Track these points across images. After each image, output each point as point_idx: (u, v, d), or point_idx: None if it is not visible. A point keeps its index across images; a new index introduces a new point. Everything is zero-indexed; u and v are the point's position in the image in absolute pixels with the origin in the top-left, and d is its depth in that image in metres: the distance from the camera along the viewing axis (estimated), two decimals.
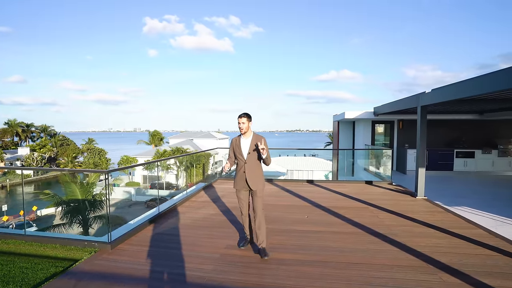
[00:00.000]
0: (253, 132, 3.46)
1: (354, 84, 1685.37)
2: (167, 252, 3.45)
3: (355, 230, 4.21)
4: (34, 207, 25.88)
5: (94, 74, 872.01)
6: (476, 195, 6.89)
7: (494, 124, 10.35)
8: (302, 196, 6.35)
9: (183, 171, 37.09)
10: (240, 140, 3.46)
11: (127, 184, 38.78)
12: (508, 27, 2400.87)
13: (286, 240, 3.80)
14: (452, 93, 5.07)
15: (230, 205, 5.54)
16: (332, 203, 5.71)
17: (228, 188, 7.13)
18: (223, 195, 6.40)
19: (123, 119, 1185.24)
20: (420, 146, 6.26)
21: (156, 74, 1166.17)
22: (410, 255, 3.35)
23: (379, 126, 11.12)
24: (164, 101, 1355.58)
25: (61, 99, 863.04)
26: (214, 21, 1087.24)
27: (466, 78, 4.83)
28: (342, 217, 4.81)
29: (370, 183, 7.75)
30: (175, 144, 44.78)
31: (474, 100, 6.14)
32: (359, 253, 3.41)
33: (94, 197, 15.34)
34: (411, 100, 6.76)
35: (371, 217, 4.84)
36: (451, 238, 3.88)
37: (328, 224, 4.49)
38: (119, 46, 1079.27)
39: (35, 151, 47.35)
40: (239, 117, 3.38)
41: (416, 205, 5.58)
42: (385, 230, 4.19)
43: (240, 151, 3.42)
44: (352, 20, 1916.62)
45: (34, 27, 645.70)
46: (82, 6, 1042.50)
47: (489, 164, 9.63)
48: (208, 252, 3.45)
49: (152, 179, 38.82)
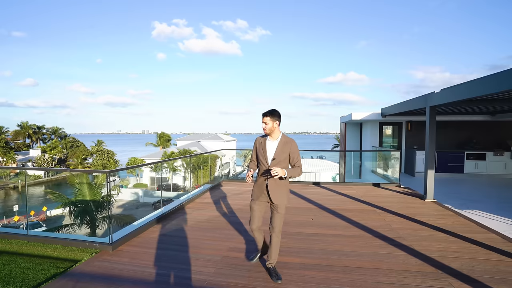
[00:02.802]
0: (282, 133, 2.85)
1: (361, 87, 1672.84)
2: (168, 254, 3.40)
3: (362, 233, 4.09)
4: (44, 207, 26.35)
5: (103, 76, 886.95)
6: (488, 198, 6.66)
7: (507, 125, 10.04)
8: (307, 198, 6.24)
9: (190, 172, 37.28)
10: (265, 142, 2.85)
11: (135, 186, 39.14)
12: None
13: (290, 243, 3.71)
14: (462, 93, 4.92)
15: (234, 207, 5.48)
16: (338, 205, 5.59)
17: (233, 190, 7.07)
18: (228, 197, 6.35)
19: (131, 121, 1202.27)
20: (429, 147, 6.10)
21: (165, 77, 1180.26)
22: (419, 260, 3.22)
23: (387, 127, 10.93)
24: (172, 104, 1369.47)
25: (72, 101, 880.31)
26: (221, 24, 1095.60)
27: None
28: (348, 220, 4.69)
29: (377, 185, 7.59)
30: (182, 146, 45.08)
31: (485, 100, 5.95)
32: (365, 257, 3.29)
33: (103, 198, 15.51)
34: (420, 101, 6.59)
35: (378, 220, 4.70)
36: (462, 243, 3.73)
37: (333, 226, 4.38)
38: (129, 49, 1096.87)
39: (46, 153, 48.30)
40: (262, 116, 2.78)
41: (425, 208, 5.42)
42: (393, 233, 4.06)
43: (264, 154, 2.81)
44: (359, 23, 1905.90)
45: (45, 30, 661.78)
46: (93, 10, 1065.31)
47: (501, 166, 9.34)
48: (210, 254, 3.39)
49: (160, 180, 39.10)
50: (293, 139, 2.83)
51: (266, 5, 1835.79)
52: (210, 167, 34.82)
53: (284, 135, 2.86)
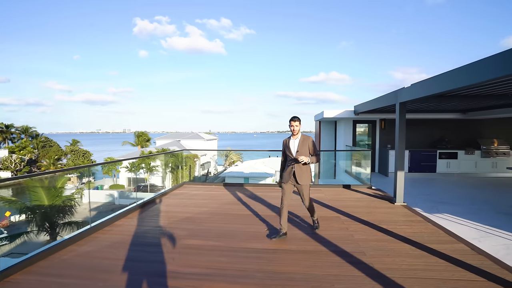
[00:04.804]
0: (301, 133, 3.93)
1: (343, 86, 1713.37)
2: (71, 285, 2.70)
3: (317, 247, 3.55)
4: (7, 212, 24.46)
5: (81, 74, 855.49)
6: (458, 199, 6.38)
7: (477, 123, 9.94)
8: (269, 203, 5.68)
9: (169, 172, 36.07)
10: (289, 140, 3.94)
11: (111, 187, 37.49)
12: (496, 25, 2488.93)
13: (229, 264, 3.10)
14: (431, 87, 4.50)
15: (182, 216, 4.81)
16: (300, 211, 5.05)
17: (192, 195, 6.40)
18: (183, 202, 5.68)
19: (112, 120, 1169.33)
20: (399, 146, 5.68)
21: (147, 75, 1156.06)
22: (376, 284, 2.70)
23: (361, 126, 10.58)
24: (155, 102, 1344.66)
25: (47, 99, 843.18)
26: (205, 23, 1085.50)
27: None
28: (306, 230, 4.15)
29: (348, 187, 7.14)
30: (162, 145, 43.65)
31: (455, 96, 5.60)
32: (313, 282, 2.73)
33: (64, 202, 14.38)
34: (390, 97, 6.18)
35: (340, 229, 4.19)
36: (428, 257, 3.26)
37: (288, 239, 3.82)
38: (108, 45, 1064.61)
39: (14, 153, 45.35)
40: (293, 120, 3.85)
41: (394, 214, 4.98)
42: (352, 247, 3.54)
43: (290, 150, 3.87)
44: (340, 24, 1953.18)
45: (16, 23, 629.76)
46: (70, 4, 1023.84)
47: (472, 165, 9.19)
48: (120, 281, 2.72)
49: (137, 181, 37.64)
50: (310, 136, 3.92)
51: (250, 5, 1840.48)
52: (190, 167, 33.96)
53: (303, 134, 3.94)
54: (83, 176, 39.99)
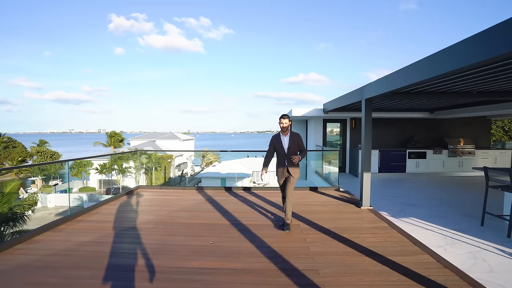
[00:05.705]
0: (290, 130, 4.19)
1: (321, 87, 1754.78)
2: None
3: (265, 265, 3.03)
4: None
5: (52, 71, 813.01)
6: (426, 201, 6.16)
7: (444, 122, 9.96)
8: (224, 209, 5.11)
9: (143, 174, 34.55)
10: (280, 137, 4.15)
11: (81, 190, 35.36)
12: (476, 23, 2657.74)
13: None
14: (396, 81, 4.14)
15: (120, 227, 4.14)
16: (255, 220, 4.54)
17: (145, 200, 5.70)
18: (129, 210, 4.98)
19: (86, 120, 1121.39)
20: (365, 146, 5.32)
21: (123, 73, 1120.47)
22: None
23: (331, 125, 10.28)
24: (132, 101, 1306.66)
25: (14, 97, 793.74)
26: (184, 21, 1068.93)
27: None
28: (258, 243, 3.62)
29: (315, 189, 6.73)
30: (136, 146, 41.83)
31: (422, 92, 5.34)
32: None
33: (13, 209, 12.98)
34: (356, 93, 5.83)
35: (297, 240, 3.71)
36: (390, 274, 2.84)
37: (235, 254, 3.28)
38: (82, 42, 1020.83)
39: None
40: (283, 118, 4.04)
41: (358, 220, 4.58)
42: (306, 263, 3.06)
43: (281, 145, 4.12)
44: (319, 26, 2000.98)
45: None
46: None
47: (440, 164, 9.15)
48: None
49: (108, 183, 35.76)
50: (298, 133, 4.20)
51: (230, 4, 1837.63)
52: (165, 168, 32.43)
53: (291, 131, 4.18)
54: (50, 179, 37.52)
